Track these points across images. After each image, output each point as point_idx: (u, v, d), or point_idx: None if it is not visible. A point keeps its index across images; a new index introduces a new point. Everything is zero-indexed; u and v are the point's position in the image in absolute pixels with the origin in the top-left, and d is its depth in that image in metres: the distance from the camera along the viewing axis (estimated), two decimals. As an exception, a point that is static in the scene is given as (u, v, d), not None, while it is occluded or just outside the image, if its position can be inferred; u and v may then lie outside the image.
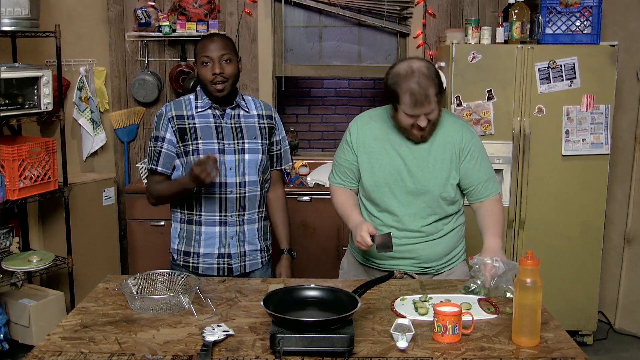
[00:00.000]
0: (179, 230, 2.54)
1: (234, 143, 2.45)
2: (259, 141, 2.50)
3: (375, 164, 2.37)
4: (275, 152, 2.61)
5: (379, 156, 2.36)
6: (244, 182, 2.46)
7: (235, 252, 2.49)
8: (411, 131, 2.28)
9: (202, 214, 2.47)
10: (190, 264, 2.51)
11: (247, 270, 2.54)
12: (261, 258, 2.57)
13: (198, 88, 2.50)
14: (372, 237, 2.21)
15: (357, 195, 2.49)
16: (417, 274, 2.39)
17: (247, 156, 2.46)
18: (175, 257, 2.55)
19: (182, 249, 2.52)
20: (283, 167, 2.67)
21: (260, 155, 2.49)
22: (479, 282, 2.17)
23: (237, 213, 2.47)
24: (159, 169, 2.47)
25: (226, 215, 2.46)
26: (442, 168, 2.33)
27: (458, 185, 2.38)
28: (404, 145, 2.34)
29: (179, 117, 2.45)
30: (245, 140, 2.47)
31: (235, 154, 2.45)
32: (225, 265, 2.50)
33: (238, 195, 2.46)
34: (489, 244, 2.26)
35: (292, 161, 2.67)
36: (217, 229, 2.47)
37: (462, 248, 2.51)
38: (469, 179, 2.36)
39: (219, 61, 2.37)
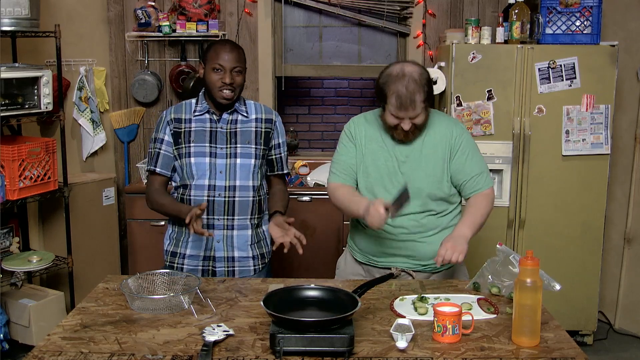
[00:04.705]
0: (170, 232, 2.58)
1: (227, 147, 2.45)
2: (253, 146, 2.48)
3: (370, 165, 2.38)
4: (274, 157, 2.57)
5: (375, 156, 2.38)
6: (234, 186, 2.45)
7: (221, 256, 2.49)
8: (395, 131, 2.32)
9: None
10: (175, 265, 2.53)
11: (237, 276, 2.52)
12: (254, 266, 2.55)
13: (201, 92, 2.51)
14: (387, 210, 2.13)
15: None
16: (414, 271, 2.39)
17: (238, 160, 2.46)
18: (165, 258, 2.58)
19: (171, 250, 2.55)
20: (283, 172, 2.62)
21: (252, 160, 2.48)
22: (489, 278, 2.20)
23: (225, 217, 2.47)
24: (158, 169, 2.49)
25: (213, 218, 2.46)
26: (435, 167, 2.35)
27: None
28: (397, 146, 2.36)
29: (177, 120, 2.48)
30: (238, 145, 2.46)
31: (226, 158, 2.45)
32: (210, 268, 2.50)
33: (227, 198, 2.46)
34: (456, 232, 2.28)
35: (288, 169, 2.64)
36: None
37: None
38: (461, 174, 2.38)
39: (230, 71, 2.39)
